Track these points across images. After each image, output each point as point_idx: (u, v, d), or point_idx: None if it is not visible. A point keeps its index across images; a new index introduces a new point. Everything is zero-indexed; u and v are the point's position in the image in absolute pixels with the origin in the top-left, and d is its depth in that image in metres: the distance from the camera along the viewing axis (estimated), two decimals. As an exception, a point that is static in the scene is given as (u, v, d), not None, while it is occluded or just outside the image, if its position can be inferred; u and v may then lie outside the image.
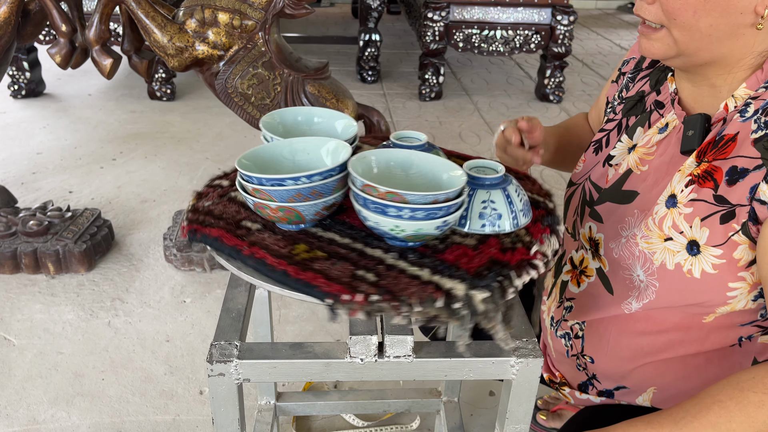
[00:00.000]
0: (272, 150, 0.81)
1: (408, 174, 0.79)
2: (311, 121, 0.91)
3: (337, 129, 0.90)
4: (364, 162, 0.77)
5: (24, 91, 3.28)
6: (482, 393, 1.56)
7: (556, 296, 0.99)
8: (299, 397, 1.36)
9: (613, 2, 6.16)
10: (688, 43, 0.75)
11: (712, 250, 0.75)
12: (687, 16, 0.73)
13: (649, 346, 0.86)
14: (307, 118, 0.91)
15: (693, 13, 0.73)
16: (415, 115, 3.30)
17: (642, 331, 0.86)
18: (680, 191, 0.79)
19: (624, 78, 1.00)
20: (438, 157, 0.80)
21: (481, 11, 3.27)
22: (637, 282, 0.83)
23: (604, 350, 0.91)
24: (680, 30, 0.75)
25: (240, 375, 0.77)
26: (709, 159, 0.77)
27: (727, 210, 0.74)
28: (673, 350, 0.84)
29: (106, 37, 1.68)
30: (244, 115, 1.74)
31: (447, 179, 0.77)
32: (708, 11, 0.72)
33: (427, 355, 0.77)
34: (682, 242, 0.77)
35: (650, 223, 0.80)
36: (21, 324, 1.73)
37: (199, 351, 1.66)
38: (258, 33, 1.65)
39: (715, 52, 0.76)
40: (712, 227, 0.75)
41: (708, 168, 0.77)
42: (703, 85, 0.81)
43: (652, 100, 0.90)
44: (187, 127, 3.05)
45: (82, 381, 1.55)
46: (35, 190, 2.43)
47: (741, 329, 0.80)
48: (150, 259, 2.03)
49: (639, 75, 0.96)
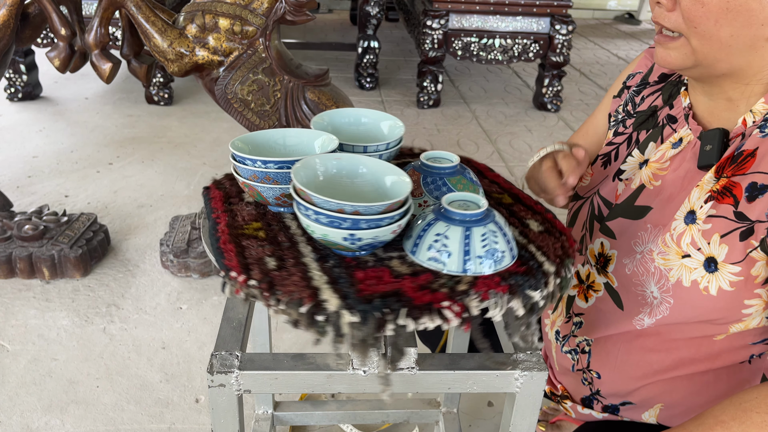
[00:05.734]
0: (266, 136, 0.87)
1: (353, 181, 0.79)
2: (359, 122, 0.94)
3: (383, 130, 0.92)
4: (309, 169, 0.76)
5: (20, 94, 3.27)
6: (481, 403, 1.55)
7: (562, 311, 0.98)
8: (297, 407, 1.35)
9: (610, 12, 6.18)
10: (706, 53, 0.74)
11: (731, 268, 0.74)
12: (708, 24, 0.72)
13: (659, 363, 0.85)
14: (354, 119, 0.94)
15: (714, 22, 0.72)
16: (413, 122, 3.30)
17: (651, 349, 0.85)
18: (699, 207, 0.78)
19: (628, 92, 0.99)
20: (384, 164, 0.78)
21: (479, 20, 3.27)
22: (650, 298, 0.82)
23: (612, 366, 0.90)
24: (699, 39, 0.74)
25: (241, 386, 0.76)
26: (728, 174, 0.76)
27: (747, 227, 0.73)
28: (683, 368, 0.83)
29: (105, 42, 1.67)
30: (243, 120, 1.73)
31: (390, 187, 0.76)
32: (730, 21, 0.71)
33: (431, 368, 0.76)
34: (700, 259, 0.76)
35: (668, 239, 0.79)
36: (15, 329, 1.71)
37: (195, 358, 1.65)
38: (258, 39, 1.65)
39: (733, 64, 0.75)
40: (731, 244, 0.74)
41: (727, 184, 0.76)
42: (720, 99, 0.81)
43: (664, 114, 0.89)
44: (185, 132, 3.04)
45: (76, 388, 1.54)
46: (31, 194, 2.41)
47: (753, 348, 0.79)
48: (146, 264, 2.02)
49: (646, 90, 0.95)
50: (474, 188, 0.82)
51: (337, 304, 0.65)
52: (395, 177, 0.76)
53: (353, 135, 0.92)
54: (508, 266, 0.71)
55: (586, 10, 6.07)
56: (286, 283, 0.69)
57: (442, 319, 0.65)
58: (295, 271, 0.71)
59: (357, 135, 0.93)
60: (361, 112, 0.94)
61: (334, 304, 0.65)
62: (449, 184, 0.81)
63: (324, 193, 0.70)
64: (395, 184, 0.76)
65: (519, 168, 2.81)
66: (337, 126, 0.92)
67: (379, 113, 0.94)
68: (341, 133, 0.91)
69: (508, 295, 0.68)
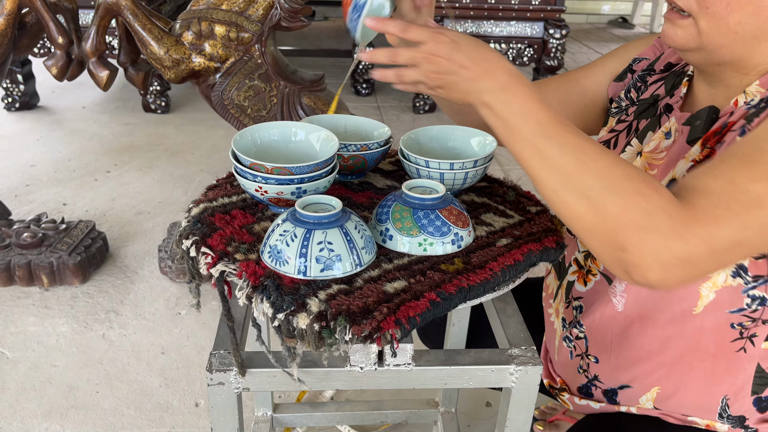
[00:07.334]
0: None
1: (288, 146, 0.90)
2: (449, 137, 0.98)
3: (474, 146, 0.95)
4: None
5: (18, 104, 3.28)
6: (479, 404, 1.56)
7: (562, 297, 0.99)
8: (296, 408, 1.36)
9: (603, 17, 6.22)
10: (712, 37, 0.76)
11: None
12: (720, 7, 0.73)
13: (650, 344, 0.86)
14: (444, 135, 0.98)
15: (726, 5, 0.73)
16: (409, 127, 3.31)
17: (639, 332, 0.87)
18: (681, 176, 0.79)
19: (633, 76, 0.99)
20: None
21: (474, 25, 3.30)
22: None
23: (608, 349, 0.91)
24: (708, 21, 0.75)
25: (239, 384, 0.77)
26: (711, 145, 0.78)
27: None
28: (673, 347, 0.85)
29: (102, 50, 1.69)
30: (240, 126, 1.74)
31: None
32: (741, 7, 0.73)
33: (427, 363, 0.77)
34: None
35: None
36: (15, 337, 1.72)
37: (194, 363, 1.66)
38: (254, 45, 1.66)
39: (735, 52, 0.76)
40: None
41: (709, 153, 0.78)
42: (719, 86, 0.82)
43: (664, 103, 0.91)
44: (182, 139, 3.05)
45: (76, 394, 1.54)
46: (29, 202, 2.42)
47: (732, 316, 0.81)
48: (145, 271, 2.02)
49: (652, 78, 0.96)
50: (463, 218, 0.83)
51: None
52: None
53: (441, 152, 0.96)
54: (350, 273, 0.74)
55: (580, 14, 6.11)
56: (215, 241, 0.79)
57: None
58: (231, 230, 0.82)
59: (445, 151, 0.96)
60: (451, 128, 0.98)
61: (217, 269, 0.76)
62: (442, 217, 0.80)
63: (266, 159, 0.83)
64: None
65: (515, 171, 2.83)
66: (422, 143, 0.96)
67: (470, 129, 0.96)
68: (427, 150, 0.95)
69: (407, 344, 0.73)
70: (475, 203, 0.93)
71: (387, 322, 0.67)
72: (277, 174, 0.80)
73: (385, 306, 0.69)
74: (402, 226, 0.79)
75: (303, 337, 0.69)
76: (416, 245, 0.79)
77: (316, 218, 0.74)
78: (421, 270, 0.76)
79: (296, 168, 0.81)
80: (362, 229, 0.77)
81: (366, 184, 0.98)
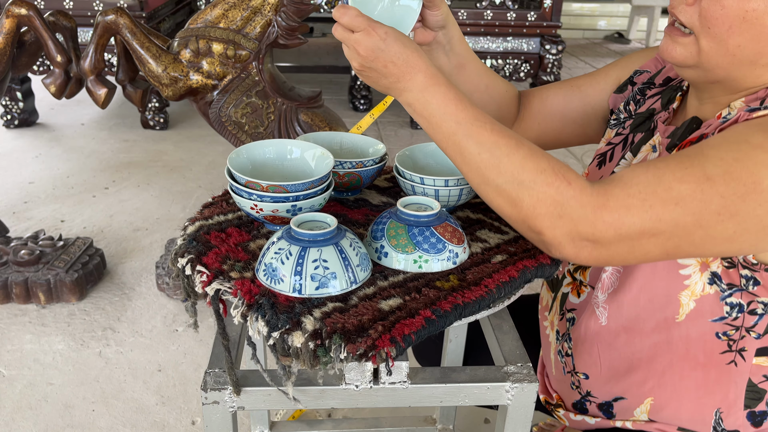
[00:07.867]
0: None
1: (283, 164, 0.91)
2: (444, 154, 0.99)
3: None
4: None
5: (17, 121, 3.29)
6: (477, 421, 1.55)
7: (557, 309, 0.99)
8: (293, 427, 1.35)
9: (600, 32, 6.27)
10: (710, 56, 0.76)
11: None
12: (722, 28, 0.74)
13: (639, 352, 0.87)
14: (439, 151, 0.98)
15: (728, 27, 0.73)
16: (407, 142, 3.33)
17: (626, 342, 0.87)
18: None
19: (633, 89, 1.00)
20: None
21: (471, 40, 3.32)
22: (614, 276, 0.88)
23: (597, 365, 0.91)
24: (709, 41, 0.75)
25: (234, 403, 0.76)
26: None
27: None
28: (662, 356, 0.85)
29: (101, 68, 1.70)
30: (237, 143, 1.75)
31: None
32: (741, 31, 0.73)
33: (422, 381, 0.77)
34: None
35: None
36: (11, 354, 1.71)
37: (191, 380, 1.65)
38: (252, 63, 1.68)
39: (730, 73, 0.77)
40: None
41: None
42: (708, 102, 0.83)
43: (658, 117, 0.92)
44: (180, 155, 3.06)
45: (72, 412, 1.53)
46: (27, 219, 2.42)
47: (715, 325, 0.81)
48: (142, 287, 2.02)
49: (651, 91, 0.97)
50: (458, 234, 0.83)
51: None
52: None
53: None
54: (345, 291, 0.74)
55: (576, 30, 6.15)
56: (211, 259, 0.80)
57: None
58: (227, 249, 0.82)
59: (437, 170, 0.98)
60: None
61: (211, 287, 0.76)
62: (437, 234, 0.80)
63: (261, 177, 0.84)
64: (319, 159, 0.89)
65: (512, 186, 2.83)
66: (418, 162, 0.98)
67: None
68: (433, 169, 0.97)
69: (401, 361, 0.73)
70: (470, 219, 0.94)
71: (382, 340, 0.67)
72: (272, 192, 0.81)
73: (381, 324, 0.69)
74: (397, 243, 0.79)
75: (298, 356, 0.68)
76: (411, 262, 0.79)
77: (311, 236, 0.74)
78: (416, 287, 0.76)
79: (291, 186, 0.81)
80: (357, 246, 0.77)
81: (361, 200, 0.98)
